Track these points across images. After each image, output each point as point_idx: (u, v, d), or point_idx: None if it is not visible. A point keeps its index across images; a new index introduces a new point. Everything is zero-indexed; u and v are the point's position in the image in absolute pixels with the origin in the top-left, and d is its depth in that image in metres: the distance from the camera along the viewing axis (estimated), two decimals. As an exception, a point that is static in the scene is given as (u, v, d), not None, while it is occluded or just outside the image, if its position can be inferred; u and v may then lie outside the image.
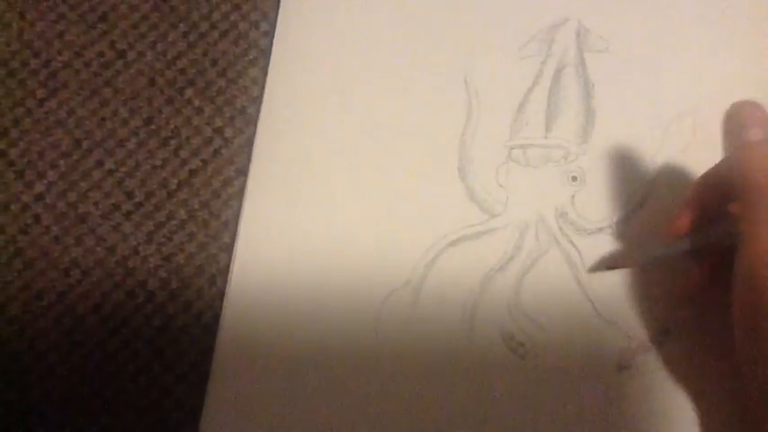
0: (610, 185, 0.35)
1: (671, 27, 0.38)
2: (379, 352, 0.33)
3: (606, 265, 0.34)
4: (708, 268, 0.31)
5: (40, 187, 0.36)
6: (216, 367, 0.33)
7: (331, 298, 0.34)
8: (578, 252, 0.34)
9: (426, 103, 0.37)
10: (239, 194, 0.36)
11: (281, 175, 0.36)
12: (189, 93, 0.38)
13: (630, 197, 0.35)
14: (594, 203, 0.35)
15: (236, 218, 0.36)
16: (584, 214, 0.35)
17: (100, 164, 0.37)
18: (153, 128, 0.37)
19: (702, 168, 0.32)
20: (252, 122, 0.37)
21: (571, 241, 0.35)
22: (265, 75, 0.38)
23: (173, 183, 0.36)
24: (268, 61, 0.38)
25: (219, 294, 0.35)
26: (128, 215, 0.36)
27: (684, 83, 0.37)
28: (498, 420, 0.32)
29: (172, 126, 0.37)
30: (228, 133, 0.37)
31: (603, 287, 0.34)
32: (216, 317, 0.34)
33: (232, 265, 0.35)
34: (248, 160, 0.36)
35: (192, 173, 0.37)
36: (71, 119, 0.37)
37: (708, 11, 0.38)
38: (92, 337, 0.34)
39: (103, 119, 0.37)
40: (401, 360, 0.33)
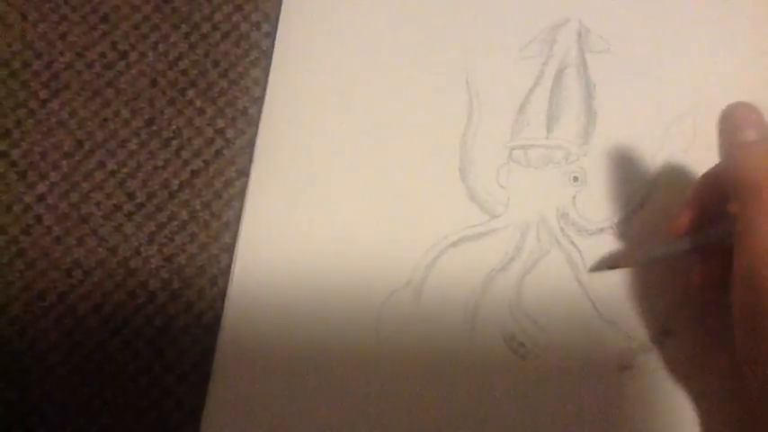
0: (611, 186, 0.35)
1: (672, 28, 0.38)
2: (380, 352, 0.33)
3: (607, 265, 0.34)
4: (708, 268, 0.31)
5: (42, 188, 0.36)
6: (217, 368, 0.33)
7: (332, 298, 0.34)
8: (579, 252, 0.34)
9: (427, 103, 0.37)
10: (241, 195, 0.36)
11: (282, 175, 0.36)
12: (191, 94, 0.38)
13: (631, 197, 0.35)
14: (596, 204, 0.35)
15: (237, 218, 0.36)
16: (586, 215, 0.35)
17: (102, 164, 0.37)
18: (155, 129, 0.37)
19: (703, 168, 0.32)
20: (253, 123, 0.37)
21: (572, 242, 0.35)
22: (267, 76, 0.38)
23: (174, 183, 0.36)
24: (269, 62, 0.38)
25: (221, 295, 0.35)
26: (129, 216, 0.36)
27: (685, 83, 0.37)
28: (499, 420, 0.32)
29: (173, 127, 0.37)
30: (230, 134, 0.37)
31: (604, 287, 0.34)
32: (217, 317, 0.34)
33: (233, 265, 0.35)
34: (250, 161, 0.36)
35: (194, 173, 0.37)
36: (73, 120, 0.37)
37: (708, 11, 0.38)
38: (93, 338, 0.34)
39: (105, 120, 0.37)
40: (402, 360, 0.33)
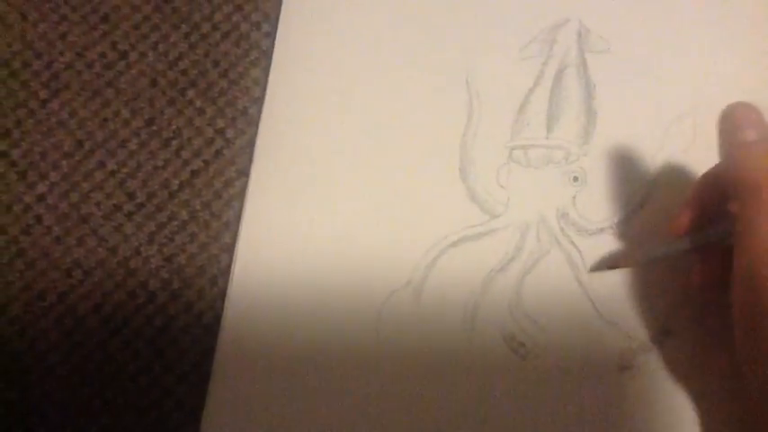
0: (611, 186, 0.35)
1: (672, 28, 0.38)
2: (380, 352, 0.33)
3: (607, 265, 0.34)
4: (708, 268, 0.31)
5: (42, 188, 0.36)
6: (217, 368, 0.33)
7: (332, 298, 0.34)
8: (579, 253, 0.34)
9: (427, 103, 0.37)
10: (241, 195, 0.36)
11: (282, 175, 0.36)
12: (191, 94, 0.38)
13: (631, 197, 0.35)
14: (596, 204, 0.35)
15: (237, 218, 0.36)
16: (586, 215, 0.35)
17: (102, 165, 0.37)
18: (155, 129, 0.37)
19: (703, 168, 0.32)
20: (253, 123, 0.37)
21: (572, 242, 0.35)
22: (267, 76, 0.38)
23: (174, 183, 0.36)
24: (269, 62, 0.38)
25: (221, 295, 0.35)
26: (129, 216, 0.36)
27: (685, 83, 0.37)
28: (499, 420, 0.32)
29: (173, 127, 0.37)
30: (230, 134, 0.37)
31: (604, 288, 0.34)
32: (217, 317, 0.34)
33: (233, 265, 0.35)
34: (250, 161, 0.36)
35: (194, 173, 0.37)
36: (73, 120, 0.37)
37: (708, 11, 0.38)
38: (93, 338, 0.34)
39: (105, 120, 0.37)
40: (402, 360, 0.33)
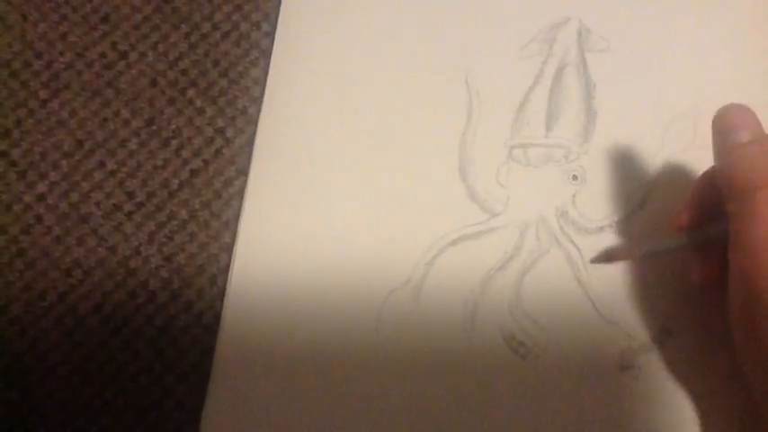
0: (611, 185, 0.35)
1: (672, 27, 0.38)
2: (380, 351, 0.33)
3: (605, 258, 0.34)
4: (708, 268, 0.31)
5: (42, 188, 0.36)
6: (217, 367, 0.33)
7: (331, 297, 0.34)
8: (579, 251, 0.34)
9: (427, 102, 0.37)
10: (240, 194, 0.36)
11: (281, 174, 0.36)
12: (190, 93, 0.38)
13: (631, 196, 0.35)
14: (595, 203, 0.35)
15: (237, 218, 0.36)
16: (585, 213, 0.35)
17: (101, 164, 0.37)
18: (154, 128, 0.37)
19: (703, 168, 0.32)
20: (253, 122, 0.37)
21: (572, 241, 0.34)
22: (266, 75, 0.38)
23: (174, 183, 0.36)
24: (269, 61, 0.38)
25: (220, 294, 0.35)
26: (129, 215, 0.36)
27: (685, 83, 0.37)
28: (499, 420, 0.32)
29: (173, 126, 0.37)
30: (230, 133, 0.37)
31: (604, 287, 0.34)
32: (217, 317, 0.34)
33: (232, 264, 0.35)
34: (249, 160, 0.36)
35: (194, 173, 0.37)
36: (73, 119, 0.37)
37: (708, 11, 0.38)
38: (93, 338, 0.34)
39: (105, 119, 0.37)
40: (402, 360, 0.33)
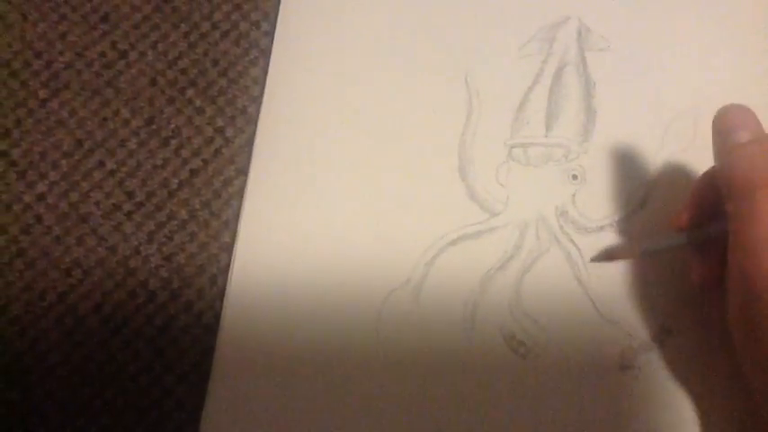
0: (611, 184, 0.35)
1: (671, 26, 0.38)
2: (380, 351, 0.33)
3: (605, 257, 0.34)
4: (708, 268, 0.31)
5: (41, 187, 0.36)
6: (216, 367, 0.33)
7: (331, 297, 0.34)
8: (579, 251, 0.34)
9: (426, 101, 0.37)
10: (240, 194, 0.36)
11: (280, 174, 0.36)
12: (190, 93, 0.38)
13: (631, 196, 0.35)
14: (595, 202, 0.35)
15: (236, 217, 0.36)
16: (585, 213, 0.35)
17: (101, 164, 0.37)
18: (154, 128, 0.37)
19: (703, 167, 0.32)
20: (252, 122, 0.37)
21: (572, 240, 0.34)
22: (266, 74, 0.38)
23: (174, 182, 0.36)
24: (269, 61, 0.38)
25: (220, 294, 0.35)
26: (129, 215, 0.36)
27: (685, 82, 0.37)
28: (499, 420, 0.32)
29: (173, 126, 0.37)
30: (229, 133, 0.37)
31: (604, 286, 0.34)
32: (217, 317, 0.34)
33: (232, 264, 0.35)
34: (249, 160, 0.36)
35: (193, 172, 0.37)
36: (73, 119, 0.37)
37: (708, 11, 0.38)
38: (93, 337, 0.34)
39: (105, 119, 0.37)
40: (402, 359, 0.33)
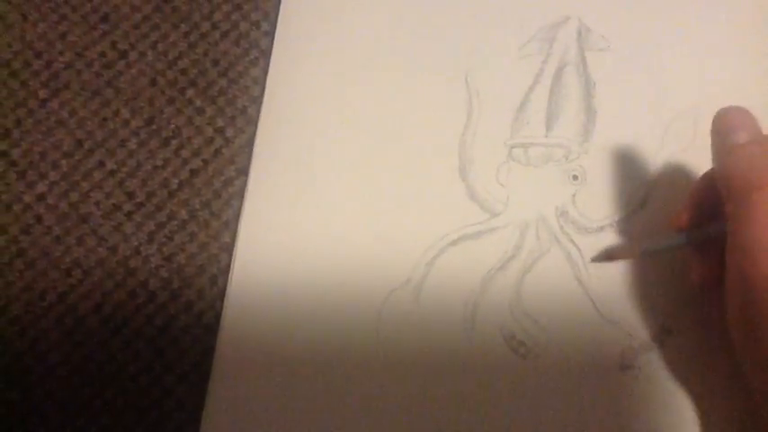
0: (611, 184, 0.35)
1: (672, 26, 0.38)
2: (380, 351, 0.33)
3: (605, 257, 0.34)
4: (707, 269, 0.31)
5: (41, 187, 0.36)
6: (217, 367, 0.33)
7: (332, 297, 0.34)
8: (579, 251, 0.34)
9: (426, 101, 0.37)
10: (240, 194, 0.36)
11: (281, 174, 0.36)
12: (190, 93, 0.38)
13: (632, 196, 0.35)
14: (595, 202, 0.35)
15: (237, 217, 0.36)
16: (586, 213, 0.35)
17: (101, 164, 0.37)
18: (154, 128, 0.37)
19: (703, 168, 0.32)
20: (252, 122, 0.37)
21: (572, 240, 0.34)
22: (266, 74, 0.38)
23: (174, 183, 0.36)
24: (269, 61, 0.38)
25: (220, 294, 0.35)
26: (129, 215, 0.36)
27: (685, 82, 0.37)
28: (499, 420, 0.32)
29: (173, 126, 0.37)
30: (229, 133, 0.37)
31: (604, 286, 0.34)
32: (217, 317, 0.34)
33: (232, 264, 0.35)
34: (249, 160, 0.36)
35: (194, 173, 0.37)
36: (73, 119, 0.37)
37: (708, 11, 0.38)
38: (93, 338, 0.34)
39: (105, 119, 0.37)
40: (402, 360, 0.33)
